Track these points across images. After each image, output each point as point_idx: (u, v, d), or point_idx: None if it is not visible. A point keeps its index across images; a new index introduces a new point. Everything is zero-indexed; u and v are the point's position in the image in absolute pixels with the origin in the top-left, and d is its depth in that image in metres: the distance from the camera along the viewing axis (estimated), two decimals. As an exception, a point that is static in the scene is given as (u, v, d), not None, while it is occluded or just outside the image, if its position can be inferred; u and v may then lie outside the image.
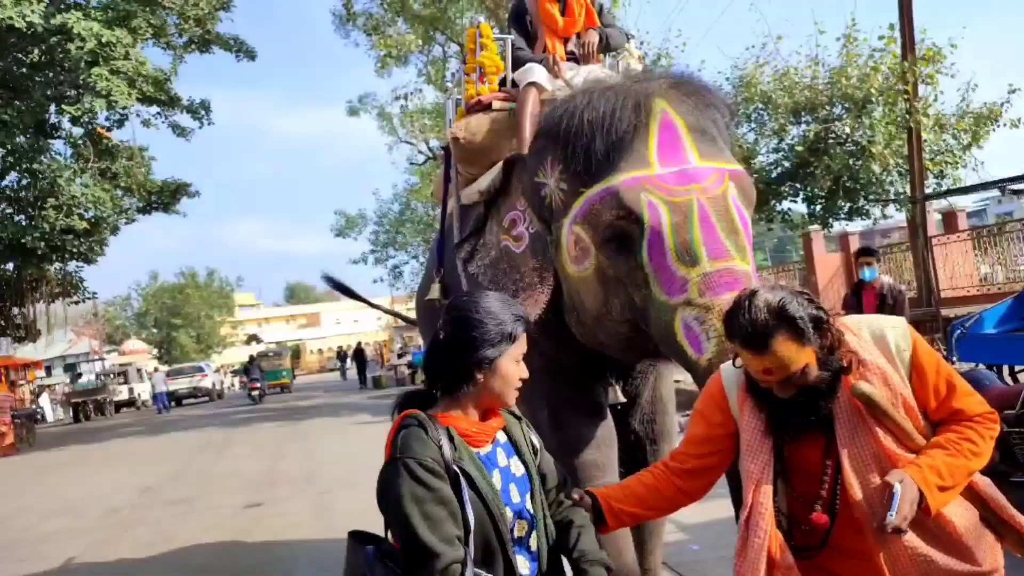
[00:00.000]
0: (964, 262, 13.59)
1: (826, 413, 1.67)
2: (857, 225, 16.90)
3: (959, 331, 5.16)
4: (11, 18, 11.54)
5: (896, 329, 1.70)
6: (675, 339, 2.17)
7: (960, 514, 1.65)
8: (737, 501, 1.91)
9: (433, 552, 1.44)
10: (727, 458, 1.84)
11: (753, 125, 14.13)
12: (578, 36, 3.50)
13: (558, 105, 2.49)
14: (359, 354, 29.45)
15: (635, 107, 2.28)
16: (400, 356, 26.60)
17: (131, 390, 28.93)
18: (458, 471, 1.51)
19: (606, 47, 3.47)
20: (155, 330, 44.85)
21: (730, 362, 1.82)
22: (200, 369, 30.30)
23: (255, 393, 24.18)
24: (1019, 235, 13.15)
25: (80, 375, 30.75)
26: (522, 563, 1.63)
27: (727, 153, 2.39)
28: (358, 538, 1.72)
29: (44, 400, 27.10)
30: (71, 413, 25.48)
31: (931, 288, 11.69)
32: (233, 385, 38.84)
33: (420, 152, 22.19)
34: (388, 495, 1.52)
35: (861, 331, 1.70)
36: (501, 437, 1.69)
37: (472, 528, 1.50)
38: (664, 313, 2.18)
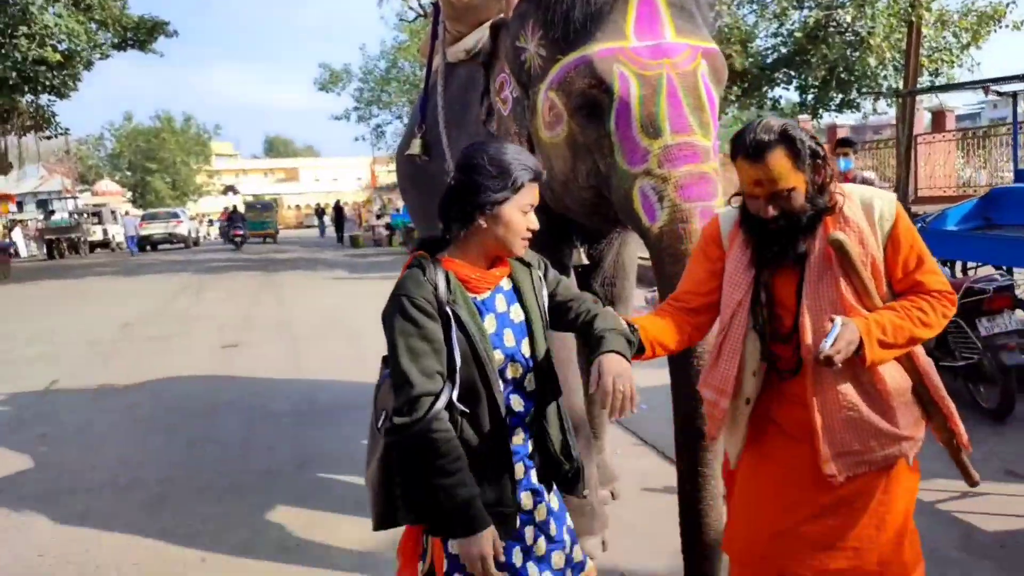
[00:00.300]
0: (946, 162, 13.69)
1: (803, 252, 1.78)
2: (848, 118, 16.85)
3: (919, 225, 5.35)
4: None
5: (884, 200, 1.81)
6: (632, 206, 2.28)
7: (893, 376, 1.81)
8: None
9: (410, 381, 1.55)
10: None
11: (755, 7, 13.75)
12: None
13: None
14: (338, 211, 29.34)
15: None
16: (379, 217, 26.61)
17: (105, 231, 28.74)
18: (449, 312, 1.60)
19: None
20: (129, 173, 43.95)
21: (728, 206, 1.97)
22: (175, 215, 30.08)
23: (237, 239, 26.28)
24: (1005, 140, 13.14)
25: (53, 212, 30.29)
26: (516, 401, 1.71)
27: (704, 31, 2.42)
28: (385, 361, 1.84)
29: (17, 235, 26.91)
30: (45, 249, 25.41)
31: (907, 185, 11.85)
32: (209, 234, 38.72)
33: (410, 8, 21.20)
34: (384, 325, 1.62)
35: (852, 195, 1.81)
36: (505, 284, 1.74)
37: (458, 366, 1.60)
38: (624, 181, 2.29)
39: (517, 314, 1.73)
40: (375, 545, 3.09)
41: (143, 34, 18.72)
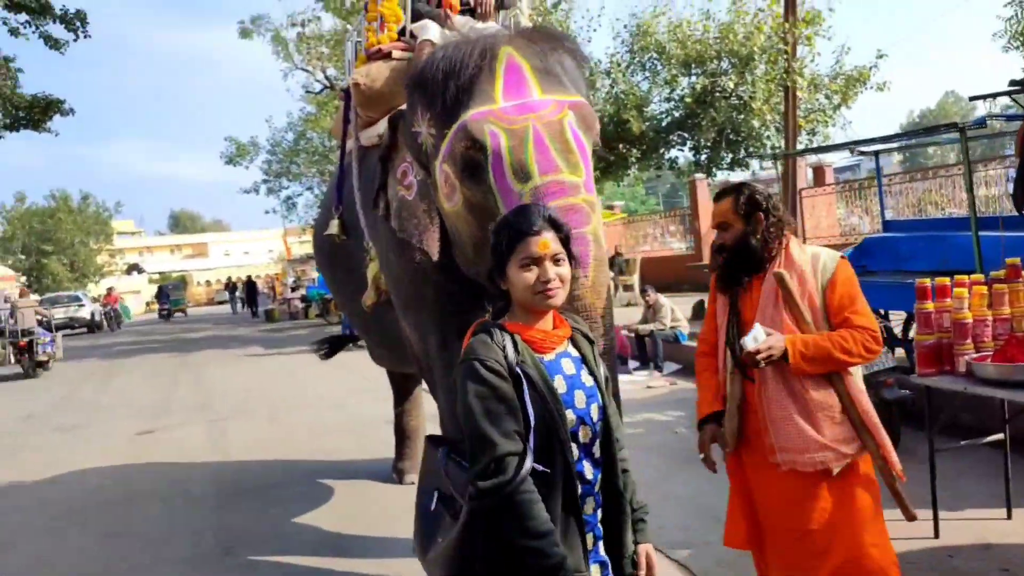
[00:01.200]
0: (828, 213, 14.79)
1: (745, 281, 2.36)
2: (739, 175, 17.96)
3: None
4: None
5: (828, 255, 2.35)
6: None
7: (819, 391, 2.25)
8: None
9: (492, 442, 1.56)
10: None
11: (647, 74, 14.66)
12: None
13: (422, 60, 2.77)
14: (250, 286, 28.73)
15: (482, 53, 2.59)
16: (294, 289, 26.20)
17: (-2, 319, 27.18)
18: (520, 373, 1.63)
19: (500, 5, 3.72)
20: (23, 256, 41.90)
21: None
22: (77, 299, 28.82)
23: (164, 313, 30.58)
24: (888, 190, 14.02)
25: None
26: (588, 469, 1.71)
27: (571, 89, 2.67)
28: (433, 441, 1.91)
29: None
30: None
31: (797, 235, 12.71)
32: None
33: (317, 81, 21.49)
34: (458, 392, 1.64)
35: (806, 249, 2.37)
36: (572, 351, 1.77)
37: (532, 425, 1.61)
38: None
39: (587, 379, 1.75)
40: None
41: (37, 113, 18.20)
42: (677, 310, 8.90)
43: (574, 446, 1.68)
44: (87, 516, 5.08)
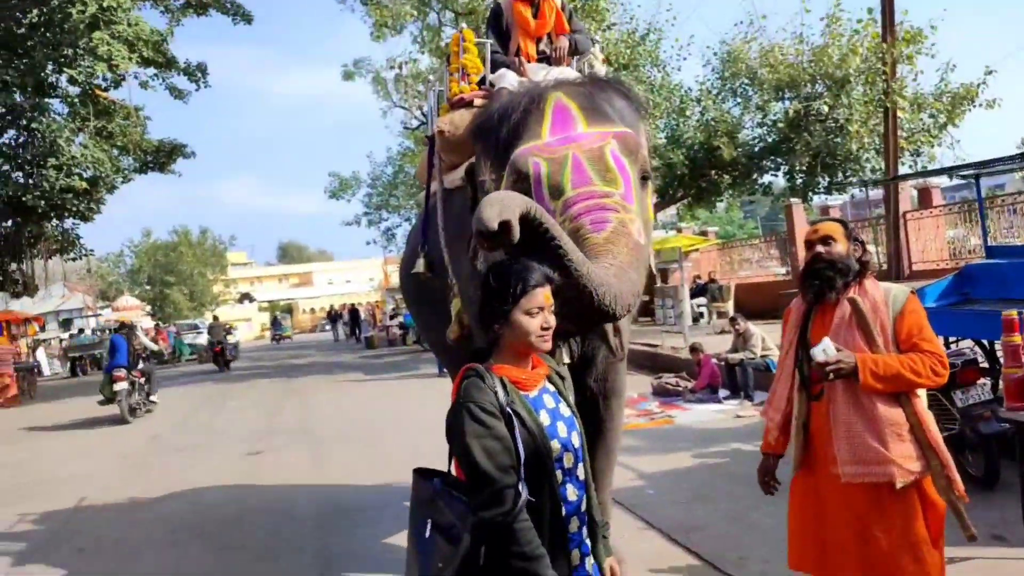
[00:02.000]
0: (936, 236, 14.10)
1: (834, 299, 2.49)
2: (837, 199, 17.40)
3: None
4: (15, -20, 11.76)
5: (900, 289, 2.52)
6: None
7: (888, 409, 2.34)
8: None
9: (491, 477, 1.73)
10: None
11: (739, 100, 14.54)
12: (549, 37, 3.94)
13: (483, 111, 2.97)
14: (354, 314, 29.86)
15: (532, 99, 2.79)
16: (392, 317, 27.09)
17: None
18: (511, 412, 1.80)
19: (574, 51, 3.91)
20: (148, 287, 45.07)
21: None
22: (195, 327, 30.81)
23: (275, 339, 36.13)
24: (1010, 209, 12.81)
25: (81, 331, 31.08)
26: (571, 491, 1.90)
27: (619, 122, 2.80)
28: (422, 473, 2.09)
29: (40, 354, 27.53)
30: (68, 367, 25.94)
31: (899, 261, 12.22)
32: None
33: (415, 117, 22.37)
34: (454, 433, 1.80)
35: (878, 284, 2.53)
36: (549, 386, 1.97)
37: (523, 460, 1.77)
38: None
39: (565, 410, 1.96)
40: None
41: (163, 157, 19.72)
42: (768, 338, 8.74)
43: (559, 472, 1.88)
44: (204, 531, 5.51)
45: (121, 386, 11.18)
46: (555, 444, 1.86)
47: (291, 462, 7.58)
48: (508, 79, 3.59)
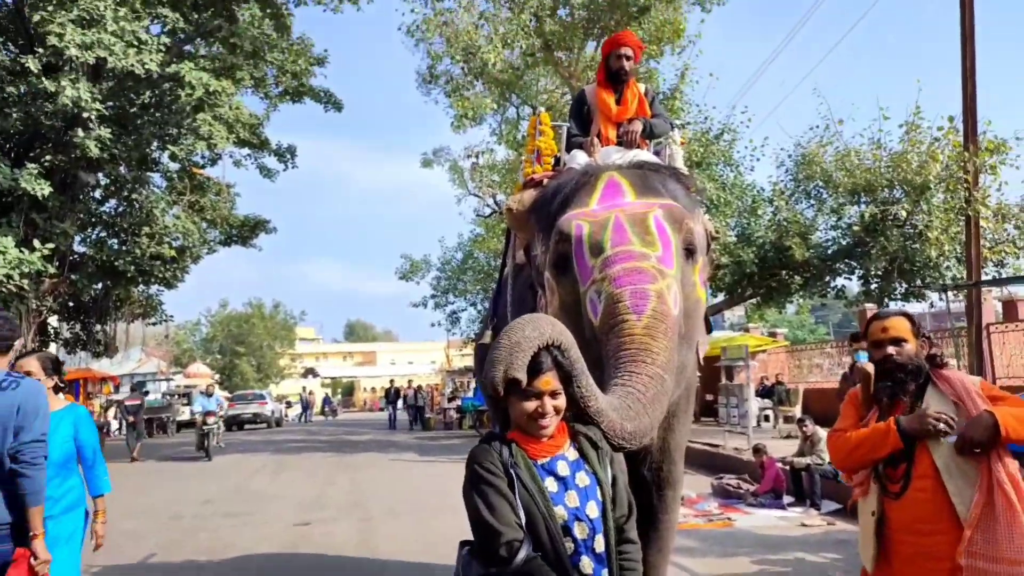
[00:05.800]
0: (1022, 352, 13.40)
1: (911, 390, 2.39)
2: (914, 307, 16.79)
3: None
4: (133, 65, 12.82)
5: (973, 378, 2.46)
6: (586, 317, 2.58)
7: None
8: None
9: (496, 531, 1.82)
10: None
11: (813, 202, 14.40)
12: (629, 123, 4.03)
13: (543, 188, 3.06)
14: (415, 394, 29.88)
15: (585, 174, 2.87)
16: (450, 400, 27.05)
17: (192, 411, 30.08)
18: (513, 474, 1.88)
19: (650, 134, 3.98)
20: (219, 356, 46.49)
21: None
22: (261, 397, 31.45)
23: (324, 412, 36.38)
24: None
25: (147, 393, 32.10)
26: (586, 563, 1.89)
27: (667, 199, 2.83)
28: (463, 544, 2.10)
29: (111, 414, 28.40)
30: (121, 425, 26.61)
31: (983, 375, 11.61)
32: (288, 415, 39.89)
33: (487, 206, 22.97)
34: (464, 493, 1.92)
35: (954, 372, 2.46)
36: (571, 455, 1.98)
37: (523, 520, 1.85)
38: (582, 300, 2.62)
39: (583, 480, 1.95)
40: None
41: (247, 231, 20.72)
42: (840, 445, 8.33)
43: (569, 541, 1.88)
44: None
45: (212, 421, 16.36)
46: (559, 510, 1.88)
47: (338, 534, 7.49)
48: (578, 159, 3.68)
